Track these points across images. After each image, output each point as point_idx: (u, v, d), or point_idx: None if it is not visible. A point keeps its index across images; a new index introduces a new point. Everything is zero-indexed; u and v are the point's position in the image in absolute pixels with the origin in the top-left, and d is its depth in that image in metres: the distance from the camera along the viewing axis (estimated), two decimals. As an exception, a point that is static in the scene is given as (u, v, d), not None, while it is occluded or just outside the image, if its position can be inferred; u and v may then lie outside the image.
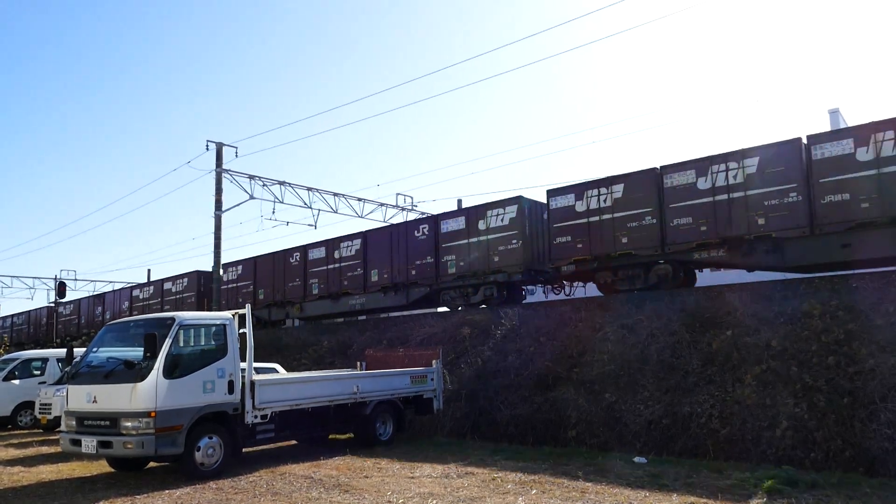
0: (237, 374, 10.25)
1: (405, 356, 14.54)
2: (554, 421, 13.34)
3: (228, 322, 10.48)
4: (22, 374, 18.59)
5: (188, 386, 9.62)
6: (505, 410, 14.28)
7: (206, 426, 9.75)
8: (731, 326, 12.83)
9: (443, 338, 17.58)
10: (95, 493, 8.86)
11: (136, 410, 9.16)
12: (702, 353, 12.73)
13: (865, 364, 10.68)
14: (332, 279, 23.45)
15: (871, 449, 9.73)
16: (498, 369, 15.49)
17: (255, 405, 10.36)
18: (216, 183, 23.04)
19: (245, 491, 8.74)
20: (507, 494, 8.15)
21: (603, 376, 13.54)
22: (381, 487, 8.68)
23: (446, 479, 9.22)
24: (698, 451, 10.97)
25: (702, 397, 11.89)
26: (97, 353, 10.53)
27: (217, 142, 23.25)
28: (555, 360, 14.75)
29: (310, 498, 8.20)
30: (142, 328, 10.11)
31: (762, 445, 10.64)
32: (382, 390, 12.70)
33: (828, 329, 11.58)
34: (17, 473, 10.79)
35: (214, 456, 9.79)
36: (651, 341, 13.68)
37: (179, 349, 9.85)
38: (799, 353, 11.52)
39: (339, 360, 19.60)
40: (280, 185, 25.29)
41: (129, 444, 9.11)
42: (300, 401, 11.21)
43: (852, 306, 11.81)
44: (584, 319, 15.50)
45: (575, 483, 8.68)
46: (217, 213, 22.92)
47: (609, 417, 12.70)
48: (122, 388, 9.35)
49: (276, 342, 23.39)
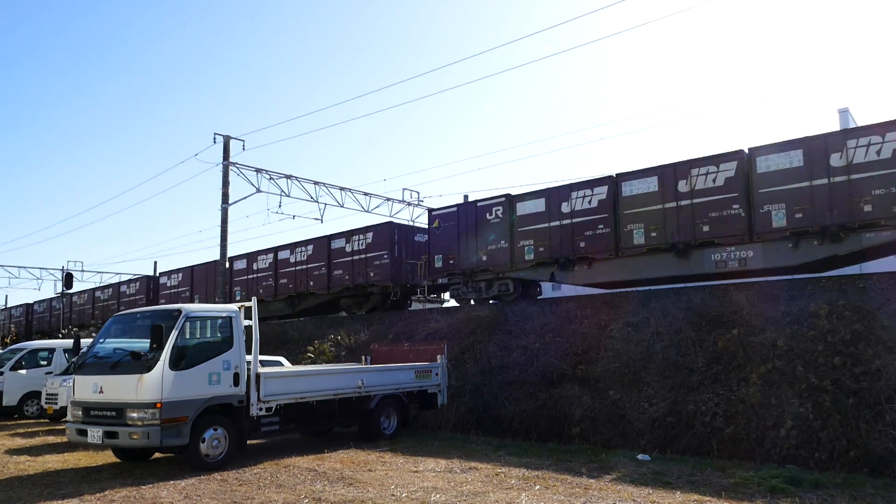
0: (243, 366, 10.29)
1: (410, 351, 14.56)
2: (558, 417, 13.35)
3: (234, 315, 10.51)
4: (29, 365, 18.70)
5: (194, 378, 9.65)
6: (509, 406, 14.29)
7: (211, 418, 9.79)
8: (737, 325, 12.79)
9: (448, 333, 17.60)
10: (101, 483, 8.90)
11: (142, 401, 9.21)
12: (707, 352, 12.71)
13: (872, 364, 10.64)
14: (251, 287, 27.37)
15: (875, 449, 9.70)
16: (503, 365, 15.51)
17: (261, 398, 10.40)
18: (223, 176, 23.03)
19: (249, 483, 8.77)
20: (510, 490, 8.16)
21: (608, 374, 13.54)
22: (385, 481, 8.70)
23: (450, 473, 9.23)
24: (702, 450, 10.96)
25: (706, 396, 11.88)
26: (104, 343, 10.57)
27: (224, 135, 23.23)
28: (560, 356, 14.75)
29: (314, 490, 8.22)
30: (148, 319, 10.14)
31: (766, 445, 10.62)
32: (387, 384, 12.72)
33: (834, 329, 11.54)
34: (24, 462, 10.86)
35: (219, 448, 9.83)
36: (656, 339, 13.66)
37: (185, 341, 9.88)
38: (805, 353, 11.48)
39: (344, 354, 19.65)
40: (287, 178, 25.27)
41: (135, 435, 9.15)
42: (305, 394, 11.24)
43: (859, 306, 11.76)
44: (589, 317, 15.50)
45: (578, 479, 8.68)
46: (224, 206, 22.93)
47: (613, 415, 12.70)
48: (128, 378, 9.40)
49: (281, 335, 23.47)
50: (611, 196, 16.49)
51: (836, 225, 13.19)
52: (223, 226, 23.03)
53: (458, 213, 19.96)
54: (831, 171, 13.33)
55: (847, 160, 13.13)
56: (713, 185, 14.90)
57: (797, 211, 13.70)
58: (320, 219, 26.75)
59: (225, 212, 23.00)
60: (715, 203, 14.81)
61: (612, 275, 16.57)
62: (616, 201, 16.37)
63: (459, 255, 19.56)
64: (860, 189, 12.98)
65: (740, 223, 14.41)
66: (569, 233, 17.17)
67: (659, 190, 15.67)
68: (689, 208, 15.16)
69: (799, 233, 13.72)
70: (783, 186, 13.90)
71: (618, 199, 16.34)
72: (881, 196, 12.74)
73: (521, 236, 18.13)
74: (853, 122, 26.33)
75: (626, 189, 16.24)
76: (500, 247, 18.59)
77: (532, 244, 17.91)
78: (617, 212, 16.31)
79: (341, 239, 24.56)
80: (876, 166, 12.83)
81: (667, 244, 15.39)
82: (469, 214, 19.54)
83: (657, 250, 15.62)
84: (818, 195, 13.42)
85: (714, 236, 14.80)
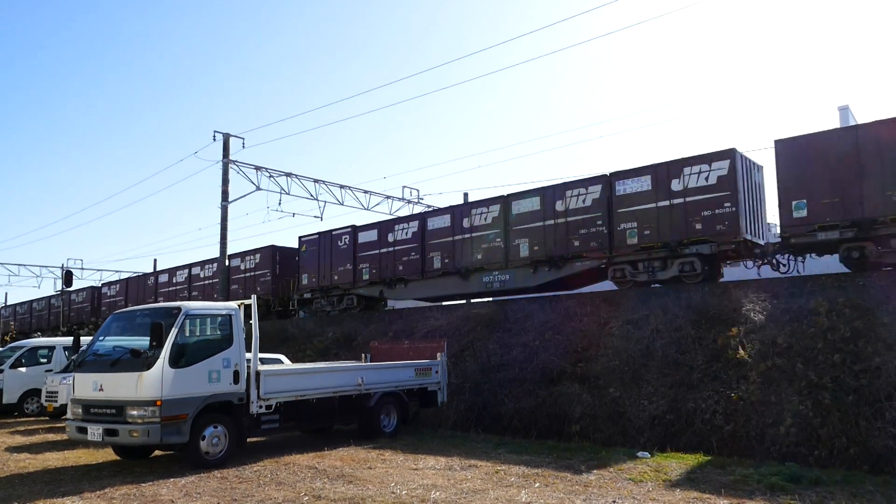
0: (242, 364, 10.29)
1: (410, 349, 14.56)
2: (558, 415, 13.35)
3: (234, 312, 10.50)
4: (29, 362, 18.71)
5: (194, 375, 9.65)
6: (509, 404, 14.29)
7: (211, 415, 9.79)
8: (736, 323, 12.80)
9: (448, 331, 17.60)
10: (101, 481, 8.91)
11: (142, 399, 9.21)
12: (707, 350, 12.71)
13: (871, 362, 10.64)
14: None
15: (875, 447, 9.70)
16: (503, 363, 15.51)
17: (261, 395, 10.40)
18: (223, 174, 23.04)
19: (249, 480, 8.78)
20: (510, 487, 8.16)
21: (608, 371, 13.54)
22: (385, 479, 8.70)
23: (450, 471, 9.24)
24: (702, 447, 10.96)
25: (706, 393, 11.88)
26: (103, 341, 10.57)
27: (224, 132, 23.25)
28: (560, 354, 14.75)
29: (313, 488, 8.23)
30: (148, 317, 10.13)
31: (766, 442, 10.62)
32: (387, 382, 12.72)
33: (834, 327, 11.54)
34: (24, 460, 10.87)
35: (219, 445, 9.83)
36: (656, 337, 13.66)
37: (185, 339, 9.89)
38: (805, 351, 11.48)
39: (344, 351, 19.65)
40: (286, 176, 25.28)
41: (135, 433, 9.16)
42: (305, 392, 11.24)
43: (859, 304, 11.76)
44: (589, 314, 15.49)
45: (578, 477, 8.69)
46: (223, 204, 22.93)
47: (613, 412, 12.70)
48: (128, 376, 9.40)
49: (281, 333, 23.47)
50: (421, 229, 20.75)
51: (558, 256, 17.14)
52: (223, 224, 23.04)
53: (319, 239, 24.14)
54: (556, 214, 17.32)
55: (565, 206, 17.08)
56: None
57: (535, 244, 17.69)
58: (320, 216, 26.79)
59: (224, 209, 23.00)
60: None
61: (421, 292, 21.00)
62: (423, 234, 20.64)
63: (319, 275, 23.87)
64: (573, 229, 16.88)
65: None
66: (391, 259, 21.39)
67: (449, 225, 19.99)
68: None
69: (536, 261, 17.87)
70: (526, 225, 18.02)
71: (425, 232, 20.61)
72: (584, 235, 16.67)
73: (360, 261, 22.47)
74: (853, 119, 26.24)
75: (430, 224, 20.57)
76: (346, 268, 22.97)
77: (367, 267, 22.24)
78: (424, 242, 20.57)
79: (237, 259, 27.94)
80: (581, 212, 16.71)
81: (454, 268, 19.58)
82: (325, 241, 23.83)
83: (447, 273, 19.86)
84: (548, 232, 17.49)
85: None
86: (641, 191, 15.70)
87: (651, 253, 15.56)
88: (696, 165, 14.87)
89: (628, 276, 16.05)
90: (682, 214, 15.02)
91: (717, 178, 14.60)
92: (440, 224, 20.24)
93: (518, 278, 18.16)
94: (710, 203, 14.61)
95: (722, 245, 14.52)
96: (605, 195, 16.31)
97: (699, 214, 14.75)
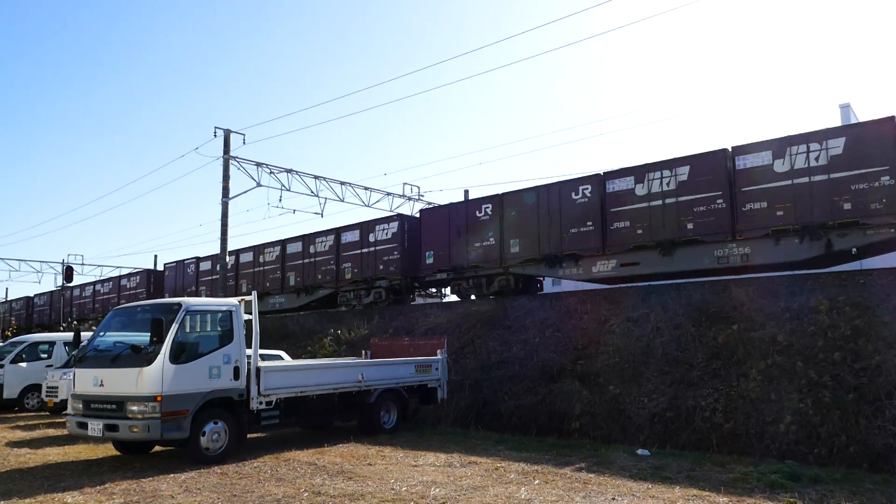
0: (243, 360, 10.29)
1: (410, 345, 14.56)
2: (557, 412, 13.36)
3: (235, 308, 10.51)
4: (29, 357, 18.72)
5: (194, 371, 9.66)
6: (509, 401, 14.30)
7: (211, 411, 9.80)
8: (737, 321, 12.79)
9: (448, 328, 17.60)
10: (101, 476, 8.91)
11: (142, 394, 9.21)
12: (707, 347, 12.71)
13: (871, 360, 10.64)
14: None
15: (875, 445, 9.71)
16: (502, 360, 15.51)
17: (261, 391, 10.41)
18: (223, 170, 22.99)
19: (249, 476, 8.78)
20: (509, 484, 8.17)
21: (607, 369, 13.54)
22: (385, 475, 8.71)
23: (449, 467, 9.25)
24: (702, 445, 10.97)
25: (706, 391, 11.88)
26: (104, 337, 10.58)
27: (225, 129, 23.18)
28: (559, 351, 14.76)
29: (313, 484, 8.23)
30: (148, 313, 10.14)
31: (766, 440, 10.63)
32: (387, 379, 12.73)
33: (834, 325, 11.54)
34: (24, 455, 10.88)
35: (219, 441, 9.84)
36: (656, 335, 13.66)
37: (186, 335, 9.89)
38: (805, 349, 11.48)
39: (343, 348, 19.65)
40: (287, 172, 25.24)
41: (135, 428, 9.17)
42: (305, 388, 11.24)
43: (859, 302, 11.76)
44: (589, 312, 15.49)
45: (578, 474, 8.70)
46: (224, 200, 22.90)
47: (613, 410, 12.71)
48: (128, 372, 9.40)
49: (281, 329, 23.48)
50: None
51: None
52: (223, 220, 23.01)
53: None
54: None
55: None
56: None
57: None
58: (321, 213, 26.76)
59: (225, 206, 22.97)
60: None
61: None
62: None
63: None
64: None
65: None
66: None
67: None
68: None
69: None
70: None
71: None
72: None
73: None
74: (854, 117, 26.19)
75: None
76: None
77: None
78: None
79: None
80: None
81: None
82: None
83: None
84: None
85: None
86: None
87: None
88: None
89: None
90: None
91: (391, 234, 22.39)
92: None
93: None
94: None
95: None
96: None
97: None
